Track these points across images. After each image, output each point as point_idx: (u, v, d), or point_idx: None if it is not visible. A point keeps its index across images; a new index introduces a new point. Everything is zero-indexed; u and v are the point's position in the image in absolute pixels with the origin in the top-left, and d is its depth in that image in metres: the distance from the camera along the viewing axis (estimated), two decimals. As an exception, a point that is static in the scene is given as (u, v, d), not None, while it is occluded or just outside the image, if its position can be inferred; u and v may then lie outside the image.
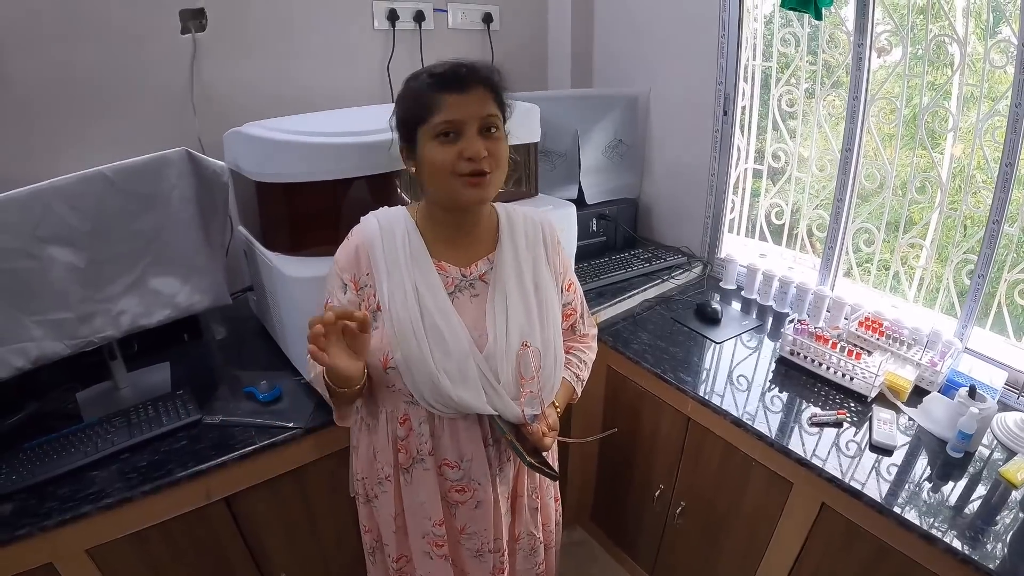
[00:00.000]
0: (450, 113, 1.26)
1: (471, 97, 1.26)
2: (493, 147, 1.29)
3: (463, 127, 1.26)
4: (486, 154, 1.27)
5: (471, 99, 1.26)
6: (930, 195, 2.22)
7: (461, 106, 1.26)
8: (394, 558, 1.61)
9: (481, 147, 1.26)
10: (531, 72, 3.13)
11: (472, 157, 1.26)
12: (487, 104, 1.28)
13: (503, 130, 1.33)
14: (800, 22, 2.42)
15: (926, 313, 2.32)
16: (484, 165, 1.27)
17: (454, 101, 1.26)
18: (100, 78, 2.00)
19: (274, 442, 1.66)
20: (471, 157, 1.26)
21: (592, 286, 2.52)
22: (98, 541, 1.49)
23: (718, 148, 2.67)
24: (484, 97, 1.28)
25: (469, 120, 1.26)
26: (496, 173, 1.31)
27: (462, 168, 1.27)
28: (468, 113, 1.26)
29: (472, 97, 1.26)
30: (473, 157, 1.26)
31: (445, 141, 1.27)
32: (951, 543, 1.41)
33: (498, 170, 1.32)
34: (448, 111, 1.26)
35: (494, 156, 1.29)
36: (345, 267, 1.41)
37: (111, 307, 1.63)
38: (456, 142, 1.27)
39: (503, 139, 1.33)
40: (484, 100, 1.28)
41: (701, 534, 2.16)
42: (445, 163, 1.28)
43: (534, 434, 1.42)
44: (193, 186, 1.69)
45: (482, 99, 1.28)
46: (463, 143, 1.26)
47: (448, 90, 1.26)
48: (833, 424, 1.81)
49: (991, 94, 2.02)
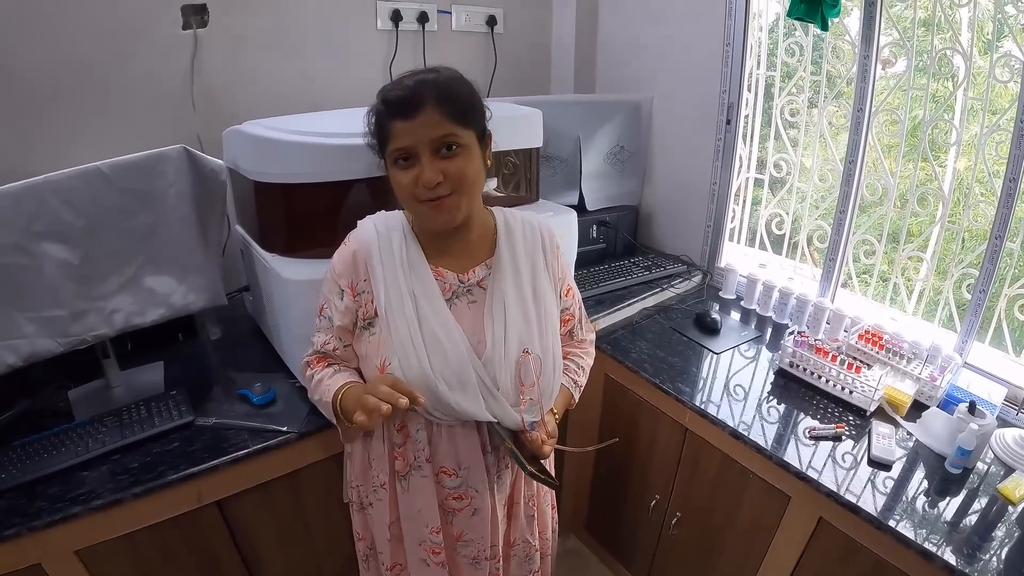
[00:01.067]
0: (400, 140, 1.25)
1: (419, 122, 1.23)
2: (451, 167, 1.26)
3: (415, 152, 1.25)
4: (440, 179, 1.25)
5: (419, 124, 1.23)
6: (931, 208, 2.22)
7: (410, 133, 1.24)
8: (388, 566, 1.60)
9: (434, 173, 1.24)
10: (534, 76, 3.12)
11: (425, 184, 1.25)
12: (438, 125, 1.24)
13: (468, 144, 1.30)
14: (804, 32, 2.42)
15: (925, 326, 2.32)
16: (440, 190, 1.26)
17: (402, 128, 1.24)
18: (100, 73, 1.99)
19: (267, 446, 1.64)
20: (424, 184, 1.25)
21: (591, 293, 2.52)
22: (88, 542, 1.47)
23: (720, 157, 2.66)
24: (433, 120, 1.24)
25: (419, 145, 1.24)
26: (460, 193, 1.29)
27: (420, 194, 1.27)
28: (417, 139, 1.24)
29: (420, 122, 1.23)
30: (426, 184, 1.25)
31: (404, 166, 1.27)
32: (948, 559, 1.40)
33: (463, 189, 1.29)
34: (398, 139, 1.25)
35: (453, 176, 1.27)
36: (342, 273, 1.40)
37: (105, 305, 1.61)
38: (414, 166, 1.26)
39: (466, 155, 1.29)
40: (433, 122, 1.24)
41: (696, 546, 2.15)
42: (406, 189, 1.27)
43: (533, 442, 1.42)
44: (190, 184, 1.67)
45: (431, 122, 1.24)
46: (418, 168, 1.25)
47: (397, 117, 1.24)
48: (831, 438, 1.80)
49: (992, 107, 2.02)
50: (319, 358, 1.49)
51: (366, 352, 1.40)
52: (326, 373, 1.45)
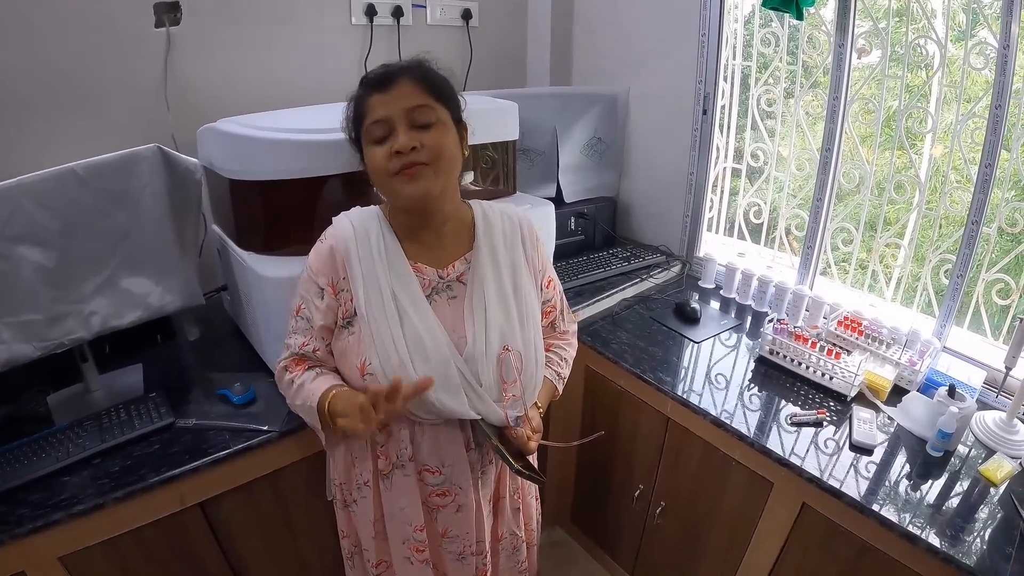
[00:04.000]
0: (376, 113, 1.26)
1: (396, 92, 1.25)
2: (428, 138, 1.26)
3: (391, 123, 1.25)
4: (416, 145, 1.24)
5: (396, 94, 1.25)
6: (908, 195, 2.23)
7: (385, 103, 1.25)
8: (373, 563, 1.60)
9: (409, 139, 1.24)
10: (510, 70, 3.11)
11: (399, 150, 1.24)
12: (414, 96, 1.26)
13: (445, 122, 1.30)
14: (780, 22, 2.42)
15: (904, 312, 2.33)
16: (416, 156, 1.25)
17: (379, 100, 1.26)
18: (72, 73, 1.95)
19: (248, 445, 1.62)
20: (399, 150, 1.24)
21: (570, 285, 2.51)
22: (71, 548, 1.45)
23: (697, 147, 2.66)
24: (410, 90, 1.26)
25: (396, 115, 1.25)
26: (437, 163, 1.29)
27: (394, 165, 1.25)
28: (394, 108, 1.25)
29: (396, 92, 1.25)
30: (400, 150, 1.24)
31: (380, 142, 1.27)
32: (932, 541, 1.41)
33: (439, 160, 1.29)
34: (374, 111, 1.26)
35: (430, 146, 1.26)
36: (321, 271, 1.38)
37: (82, 308, 1.59)
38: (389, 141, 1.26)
39: (442, 130, 1.29)
40: (410, 92, 1.26)
41: (681, 534, 2.16)
42: (381, 164, 1.27)
43: (519, 438, 1.41)
44: (165, 184, 1.64)
45: (407, 92, 1.26)
46: (392, 139, 1.25)
47: (374, 90, 1.26)
48: (813, 423, 1.81)
49: (967, 95, 2.03)
50: (297, 360, 1.46)
51: (345, 351, 1.38)
52: (307, 377, 1.42)
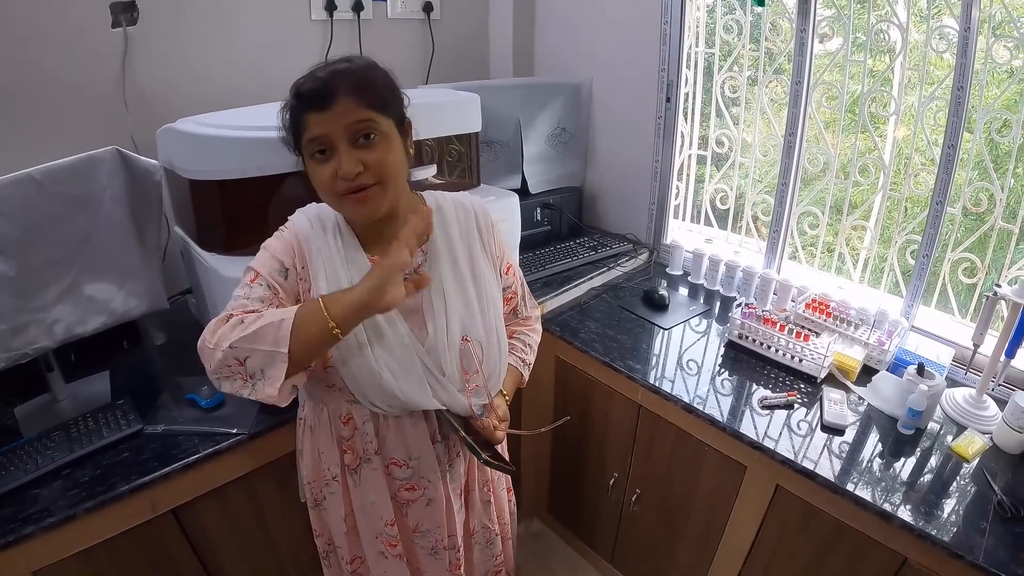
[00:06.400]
0: (314, 130, 1.19)
1: (334, 111, 1.18)
2: (371, 156, 1.21)
3: (332, 142, 1.20)
4: (360, 169, 1.20)
5: (333, 113, 1.18)
6: (872, 178, 2.24)
7: (323, 122, 1.19)
8: (347, 560, 1.58)
9: (353, 163, 1.19)
10: (472, 62, 3.08)
11: (344, 176, 1.19)
12: (352, 112, 1.19)
13: (387, 132, 1.25)
14: (743, 9, 2.42)
15: (872, 293, 2.35)
16: (362, 179, 1.21)
17: (316, 119, 1.19)
18: (27, 77, 1.89)
19: (218, 449, 1.60)
20: (343, 176, 1.19)
21: (538, 276, 2.50)
22: (45, 562, 1.42)
23: (661, 135, 2.66)
24: (348, 107, 1.19)
25: (335, 134, 1.19)
26: (384, 182, 1.24)
27: (340, 186, 1.21)
28: (332, 127, 1.19)
29: (335, 111, 1.18)
30: (345, 176, 1.19)
31: (321, 159, 1.21)
32: (906, 519, 1.42)
33: (385, 179, 1.24)
34: (312, 128, 1.19)
35: (374, 166, 1.22)
36: (284, 252, 1.33)
37: (44, 316, 1.56)
38: (331, 159, 1.21)
39: (385, 143, 1.24)
40: (348, 110, 1.19)
41: (658, 521, 2.16)
42: (324, 182, 1.22)
43: (485, 429, 1.41)
44: (125, 186, 1.61)
45: (346, 109, 1.19)
46: (335, 160, 1.20)
47: (310, 108, 1.19)
48: (784, 406, 1.82)
49: (930, 79, 2.05)
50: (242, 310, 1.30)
51: None
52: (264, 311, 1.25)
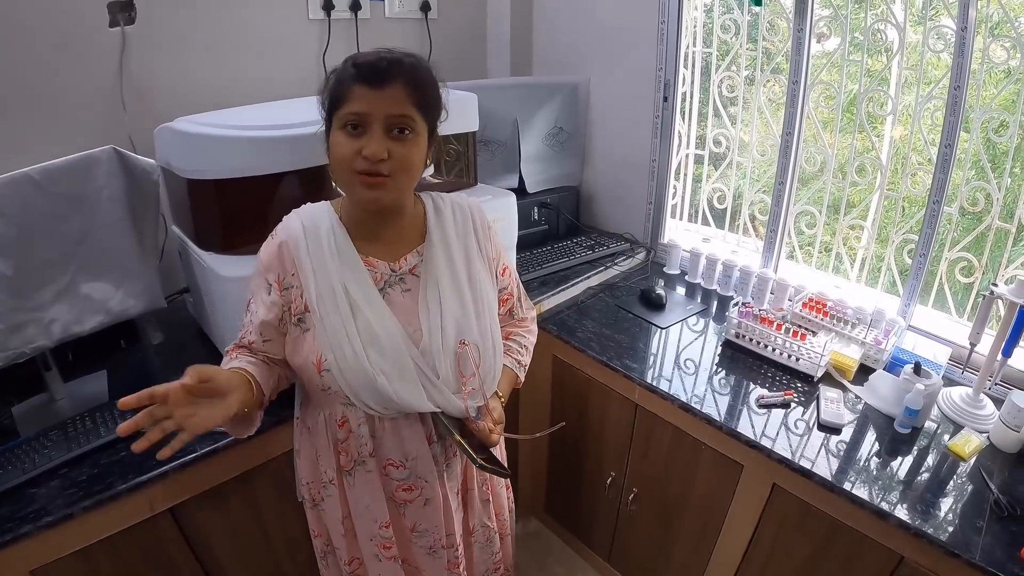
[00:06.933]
0: (358, 105, 1.19)
1: (384, 94, 1.19)
2: (399, 150, 1.22)
3: (369, 122, 1.20)
4: (386, 156, 1.20)
5: (383, 95, 1.19)
6: (870, 177, 2.24)
7: (370, 100, 1.19)
8: (346, 561, 1.57)
9: (381, 148, 1.19)
10: (470, 61, 3.08)
11: (369, 156, 1.19)
12: (400, 103, 1.20)
13: (420, 134, 1.26)
14: (741, 9, 2.42)
15: (869, 292, 2.34)
16: (382, 167, 1.21)
17: (364, 94, 1.19)
18: (25, 76, 1.88)
19: (216, 448, 1.58)
20: (368, 156, 1.19)
21: (535, 275, 2.49)
22: (43, 561, 1.41)
23: (659, 134, 2.65)
24: (399, 96, 1.20)
25: (376, 116, 1.19)
26: (399, 177, 1.25)
27: (359, 165, 1.21)
28: (376, 108, 1.19)
29: (385, 94, 1.19)
30: (370, 157, 1.19)
31: (351, 133, 1.21)
32: (903, 517, 1.41)
33: (402, 175, 1.25)
34: (356, 102, 1.19)
35: (398, 159, 1.22)
36: (269, 267, 1.33)
37: (42, 316, 1.54)
38: (361, 137, 1.21)
39: (415, 143, 1.25)
40: (398, 99, 1.20)
41: (655, 520, 2.15)
42: (345, 156, 1.21)
43: (481, 431, 1.40)
44: (123, 186, 1.60)
45: (396, 98, 1.20)
46: (365, 139, 1.20)
47: (362, 82, 1.19)
48: (781, 405, 1.81)
49: (927, 78, 2.05)
50: (237, 347, 1.41)
51: (299, 349, 1.34)
52: (227, 360, 1.37)
